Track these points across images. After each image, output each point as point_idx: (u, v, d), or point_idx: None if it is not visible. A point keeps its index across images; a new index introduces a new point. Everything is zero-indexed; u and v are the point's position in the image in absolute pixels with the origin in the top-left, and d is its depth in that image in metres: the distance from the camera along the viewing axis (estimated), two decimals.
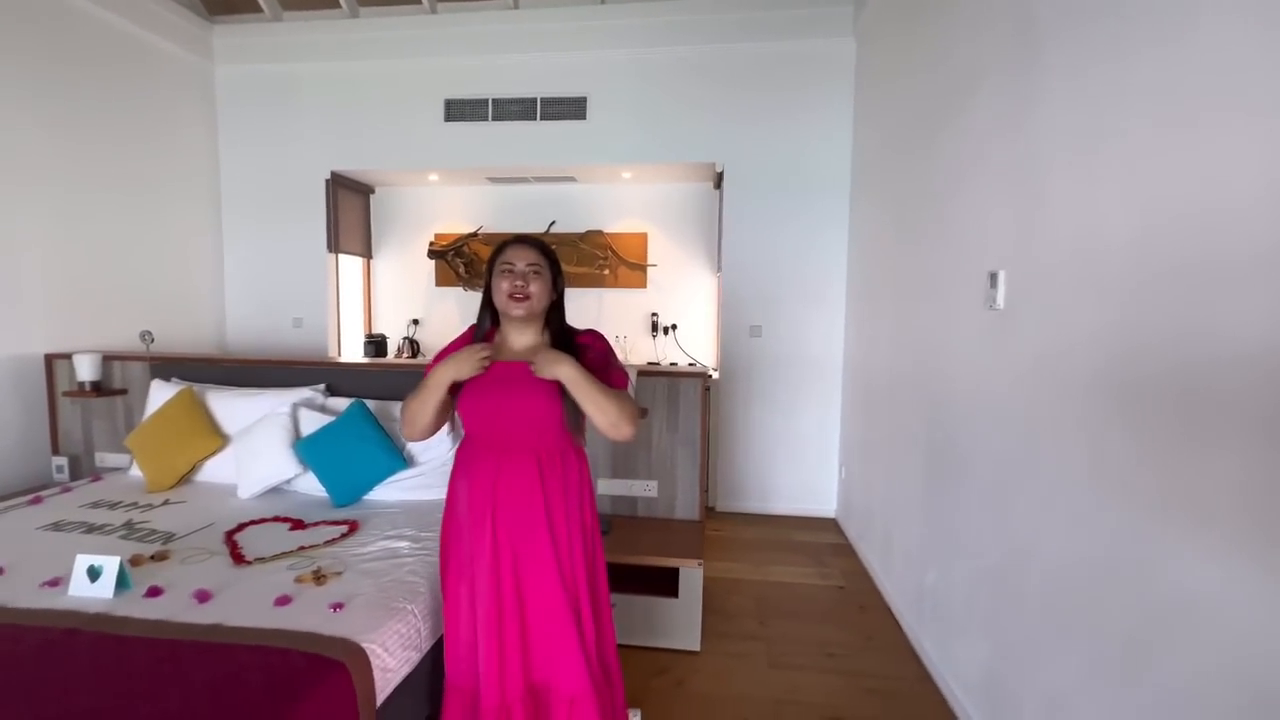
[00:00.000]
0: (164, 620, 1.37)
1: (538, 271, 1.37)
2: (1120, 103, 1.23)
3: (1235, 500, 0.94)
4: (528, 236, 1.44)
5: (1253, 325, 0.92)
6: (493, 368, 1.37)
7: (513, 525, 1.35)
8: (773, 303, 3.72)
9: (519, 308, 1.34)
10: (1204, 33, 1.02)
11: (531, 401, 1.34)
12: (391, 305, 4.64)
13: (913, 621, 2.34)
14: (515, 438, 1.37)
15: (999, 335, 1.70)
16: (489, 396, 1.36)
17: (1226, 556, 0.96)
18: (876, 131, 3.11)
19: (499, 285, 1.36)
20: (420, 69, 3.87)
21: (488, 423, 1.37)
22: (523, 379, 1.33)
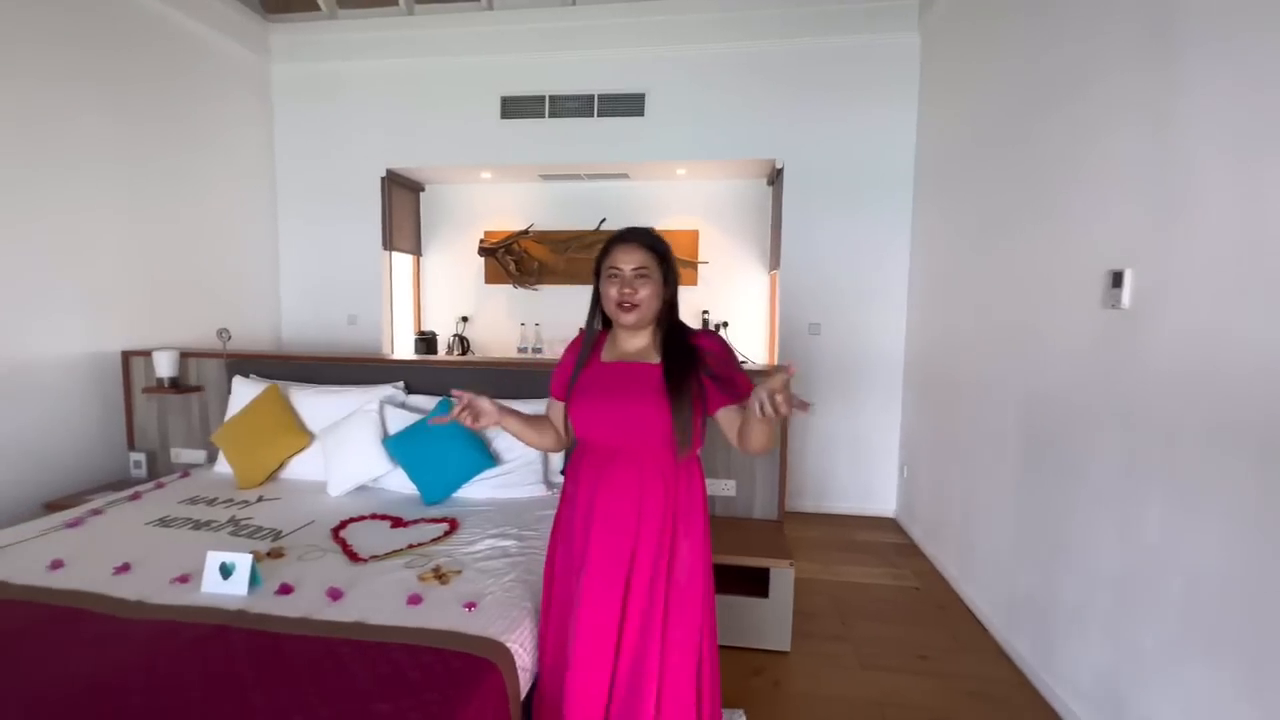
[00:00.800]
0: (306, 618, 1.38)
1: (646, 274, 1.26)
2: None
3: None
4: (634, 233, 1.30)
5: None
6: (601, 369, 1.32)
7: (606, 538, 1.26)
8: (832, 300, 3.68)
9: (628, 317, 1.26)
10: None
11: (636, 408, 1.25)
12: (441, 303, 4.66)
13: (1002, 624, 2.31)
14: (619, 444, 1.28)
15: (1125, 335, 1.67)
16: (594, 399, 1.29)
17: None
18: (950, 127, 3.07)
19: (606, 291, 1.29)
20: (477, 66, 3.87)
21: (590, 427, 1.30)
22: (631, 382, 1.27)
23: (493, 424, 1.37)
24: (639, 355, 1.32)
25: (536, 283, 4.47)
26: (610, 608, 1.25)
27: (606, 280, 1.29)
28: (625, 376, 1.29)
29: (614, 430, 1.28)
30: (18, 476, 2.57)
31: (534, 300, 4.51)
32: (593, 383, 1.31)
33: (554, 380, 1.45)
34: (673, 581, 1.26)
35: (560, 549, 1.37)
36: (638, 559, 1.25)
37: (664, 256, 1.30)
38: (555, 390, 1.44)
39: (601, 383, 1.31)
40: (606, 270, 1.29)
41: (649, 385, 1.26)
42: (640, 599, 1.24)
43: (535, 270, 4.45)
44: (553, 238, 4.42)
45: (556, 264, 4.43)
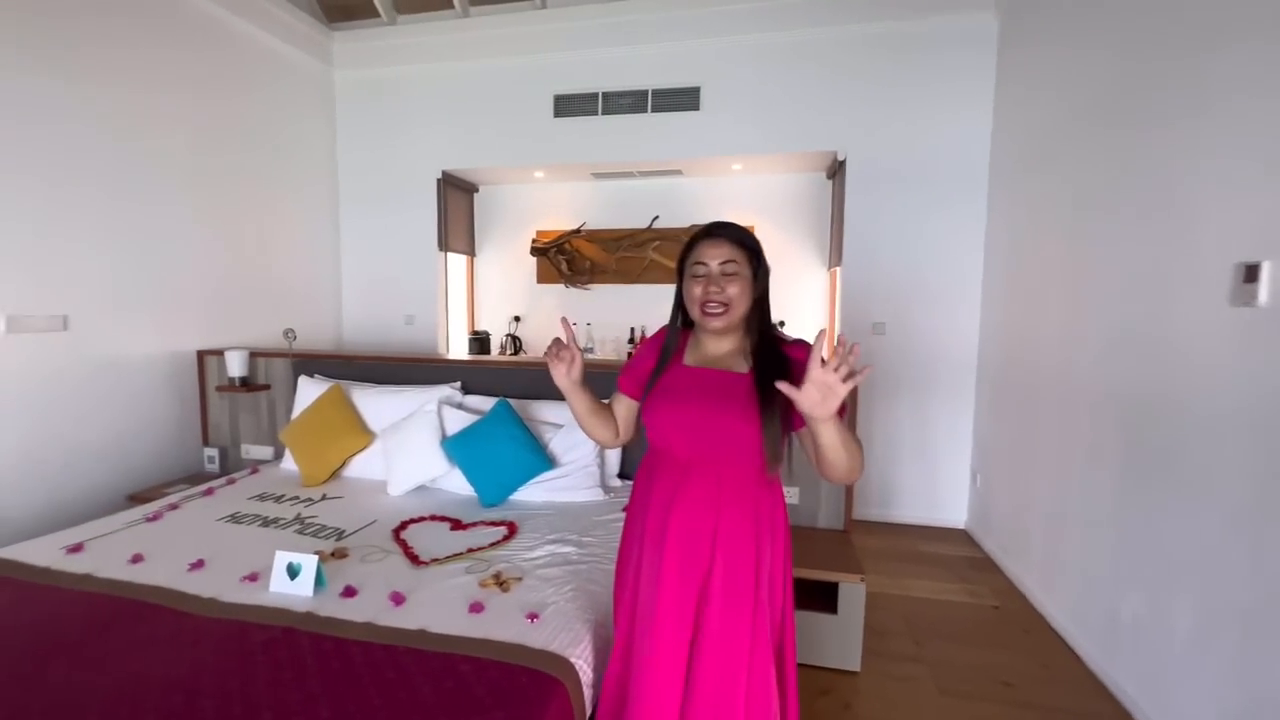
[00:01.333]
0: (370, 623, 1.37)
1: (735, 271, 1.16)
2: None
3: None
4: (722, 226, 1.20)
5: None
6: (683, 373, 1.23)
7: (681, 555, 1.16)
8: (898, 299, 3.49)
9: (716, 320, 1.16)
10: None
11: (720, 417, 1.15)
12: (493, 302, 4.69)
13: (1098, 651, 2.11)
14: (698, 455, 1.18)
15: (1262, 336, 1.47)
16: (675, 405, 1.20)
17: None
18: (1034, 112, 2.84)
19: (690, 291, 1.18)
20: (530, 65, 3.86)
21: (668, 433, 1.21)
22: (716, 390, 1.17)
23: (573, 379, 1.28)
24: (725, 361, 1.22)
25: (588, 282, 4.44)
26: (683, 628, 1.16)
27: (691, 279, 1.19)
28: (710, 383, 1.20)
29: (695, 439, 1.19)
30: (106, 470, 2.70)
31: (585, 300, 4.48)
32: (673, 387, 1.23)
33: (624, 373, 1.36)
34: (758, 603, 1.17)
35: (632, 561, 1.30)
36: (713, 578, 1.16)
37: (755, 252, 1.19)
38: (625, 384, 1.36)
39: (683, 387, 1.22)
40: (691, 267, 1.20)
41: (736, 394, 1.16)
42: (716, 621, 1.15)
43: (587, 269, 4.42)
44: (604, 236, 4.38)
45: (608, 263, 4.39)
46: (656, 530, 1.22)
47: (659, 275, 4.32)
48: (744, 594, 1.17)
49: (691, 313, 1.21)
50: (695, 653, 1.16)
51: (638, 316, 4.38)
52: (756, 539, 1.18)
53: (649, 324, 4.36)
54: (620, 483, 2.43)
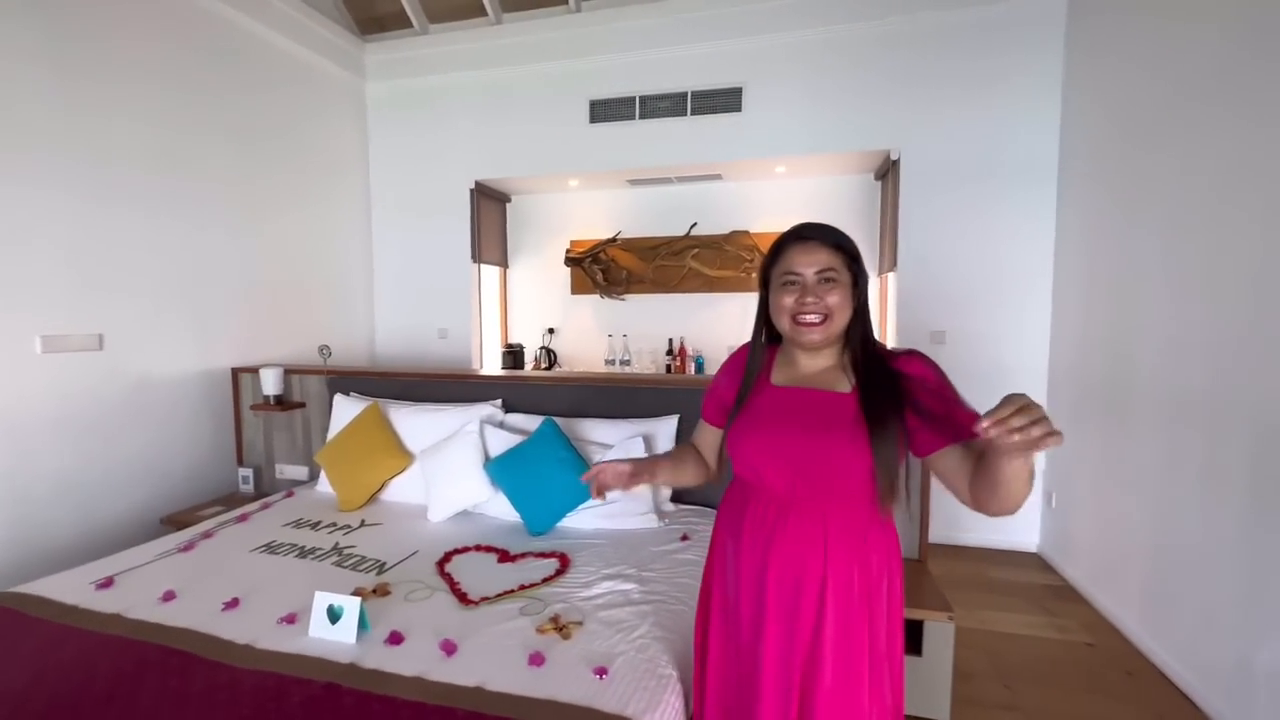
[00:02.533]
0: (421, 677, 1.22)
1: (834, 279, 1.01)
2: None
3: None
4: (815, 229, 1.05)
5: None
6: (774, 395, 1.07)
7: (784, 611, 1.01)
8: (959, 305, 3.27)
9: (813, 334, 1.01)
10: None
11: (823, 445, 0.99)
12: (527, 314, 4.58)
13: (1223, 702, 1.86)
14: (798, 490, 1.02)
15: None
16: (766, 432, 1.05)
17: None
18: (1115, 100, 2.62)
19: (780, 302, 1.04)
20: (564, 71, 3.76)
21: (760, 466, 1.05)
22: (816, 413, 1.02)
23: (637, 484, 1.18)
24: (822, 380, 1.06)
25: (624, 292, 4.30)
26: (789, 694, 0.99)
27: (781, 289, 1.04)
28: (808, 405, 1.04)
29: (793, 472, 1.02)
30: (141, 491, 2.62)
31: (622, 310, 4.34)
32: (763, 411, 1.07)
33: (708, 400, 1.22)
34: (874, 664, 0.99)
35: (717, 616, 1.13)
36: (824, 636, 0.99)
37: (855, 256, 1.04)
38: (709, 413, 1.22)
39: (775, 411, 1.06)
40: (780, 276, 1.05)
41: (841, 418, 0.99)
42: (830, 687, 0.98)
43: (623, 279, 4.28)
44: (640, 245, 4.24)
45: (645, 272, 4.25)
46: (753, 582, 1.05)
47: (697, 284, 4.16)
48: (859, 654, 0.99)
49: (780, 326, 1.06)
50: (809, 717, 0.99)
51: (676, 327, 4.22)
52: (871, 588, 1.00)
53: (687, 335, 4.20)
54: (674, 507, 2.26)
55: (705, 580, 1.21)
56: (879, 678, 1.01)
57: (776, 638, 1.01)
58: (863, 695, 0.99)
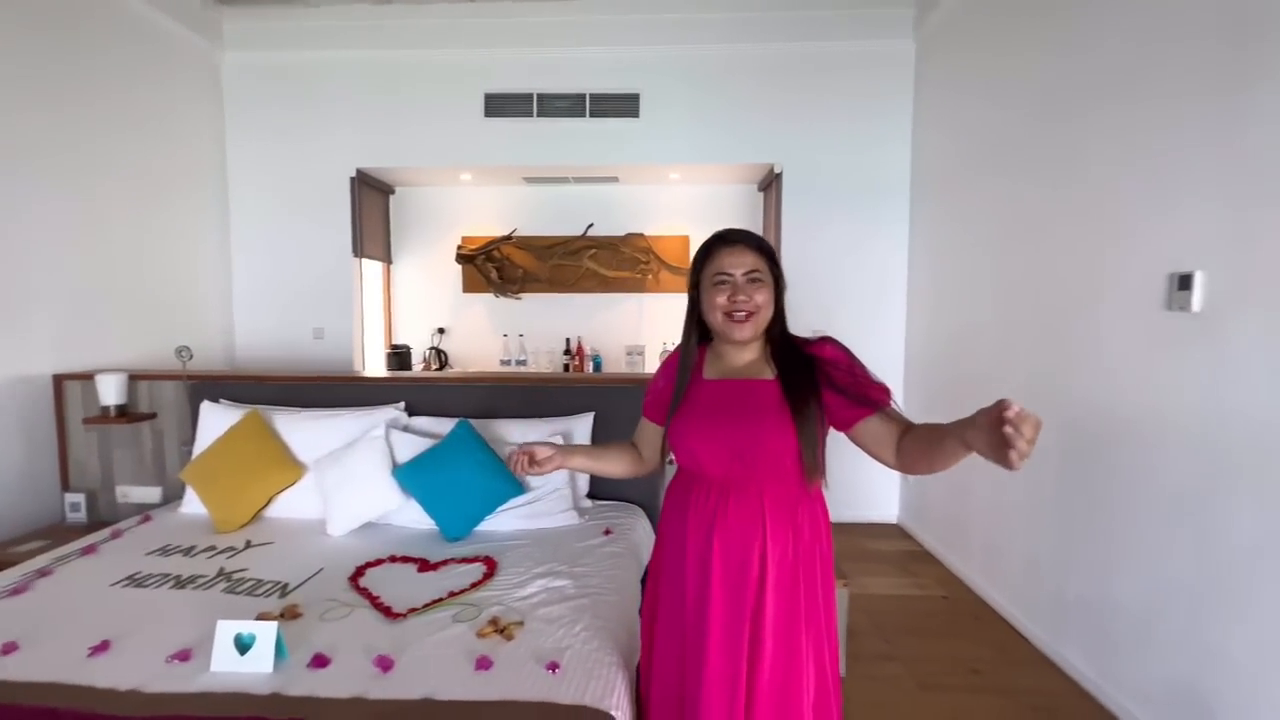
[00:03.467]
0: (360, 698, 1.14)
1: (759, 279, 1.11)
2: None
3: None
4: (740, 233, 1.15)
5: None
6: (707, 388, 1.16)
7: (729, 583, 1.10)
8: (833, 306, 3.65)
9: (743, 329, 1.11)
10: None
11: (755, 430, 1.10)
12: (413, 313, 4.34)
13: (1046, 633, 2.28)
14: (736, 474, 1.12)
15: (1197, 339, 1.66)
16: (703, 422, 1.14)
17: None
18: (953, 131, 3.09)
19: (713, 300, 1.12)
20: (458, 61, 3.62)
21: (700, 455, 1.14)
22: (746, 402, 1.12)
23: (556, 467, 1.25)
24: (749, 371, 1.16)
25: (520, 291, 4.23)
26: (737, 661, 1.08)
27: (712, 288, 1.13)
28: (739, 395, 1.13)
29: (730, 457, 1.12)
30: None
31: (517, 310, 4.26)
32: (699, 404, 1.15)
33: (648, 399, 1.29)
34: (811, 626, 1.11)
35: (665, 595, 1.19)
36: (766, 605, 1.09)
37: (774, 260, 1.16)
38: (649, 411, 1.30)
39: (710, 403, 1.15)
40: (711, 277, 1.13)
41: (768, 404, 1.10)
42: (773, 651, 1.08)
43: (519, 278, 4.21)
44: (537, 244, 4.19)
45: (541, 271, 4.21)
46: (698, 560, 1.13)
47: (594, 284, 4.21)
48: (797, 619, 1.10)
49: (712, 322, 1.15)
50: (754, 686, 1.08)
51: (573, 327, 4.23)
52: (804, 556, 1.12)
53: (585, 334, 4.23)
54: (591, 504, 2.28)
55: (654, 564, 1.27)
56: (818, 638, 1.13)
57: (723, 605, 1.09)
58: (808, 655, 1.10)
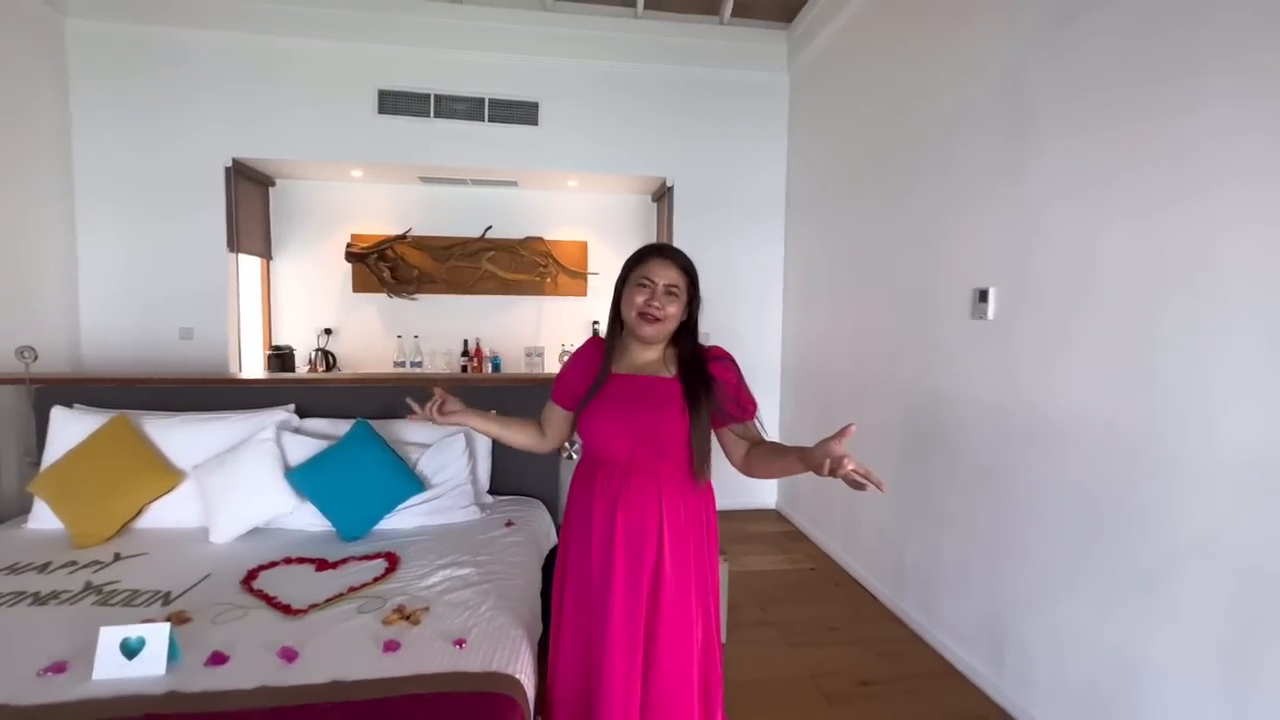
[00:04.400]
0: (265, 686, 1.17)
1: (676, 294, 1.27)
2: (1120, 156, 1.61)
3: None
4: (672, 250, 1.32)
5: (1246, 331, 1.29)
6: (616, 380, 1.31)
7: (631, 552, 1.25)
8: (718, 311, 3.95)
9: (649, 329, 1.26)
10: (1206, 113, 1.41)
11: (659, 418, 1.25)
12: (296, 313, 4.11)
13: (890, 592, 2.68)
14: (638, 457, 1.27)
15: (990, 340, 2.07)
16: (612, 409, 1.28)
17: (1230, 505, 1.33)
18: (820, 159, 3.51)
19: (632, 297, 1.27)
20: (349, 53, 3.52)
21: (608, 438, 1.28)
22: (648, 395, 1.27)
23: (461, 421, 1.36)
24: (651, 368, 1.32)
25: (415, 292, 4.16)
26: (636, 619, 1.24)
27: (634, 287, 1.28)
28: (644, 389, 1.29)
29: (634, 442, 1.27)
30: None
31: (413, 310, 4.19)
32: (609, 394, 1.30)
33: (559, 383, 1.40)
34: (700, 592, 1.30)
35: (573, 565, 1.33)
36: (664, 570, 1.26)
37: (694, 280, 1.33)
38: (559, 395, 1.41)
39: (618, 394, 1.29)
40: (636, 278, 1.28)
41: (669, 399, 1.27)
42: (670, 610, 1.25)
43: (414, 278, 4.14)
44: (433, 244, 4.15)
45: (438, 272, 4.17)
46: (603, 533, 1.28)
47: (493, 286, 4.24)
48: (688, 585, 1.28)
49: (627, 316, 1.29)
50: (652, 640, 1.24)
51: (471, 328, 4.23)
52: (693, 529, 1.31)
53: (484, 336, 4.24)
54: (492, 499, 2.36)
55: (562, 541, 1.40)
56: (704, 602, 1.32)
57: (624, 571, 1.25)
58: (697, 614, 1.29)
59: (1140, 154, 1.57)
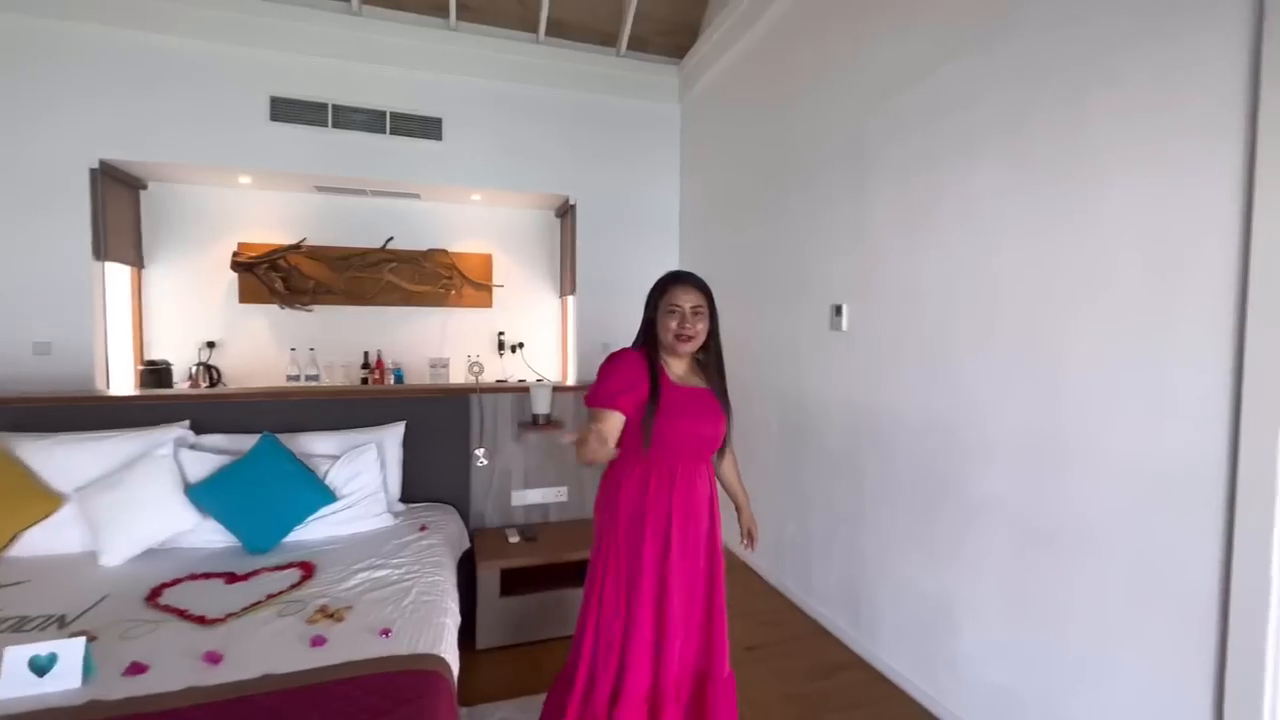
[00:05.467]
0: (194, 687, 1.23)
1: (701, 312, 1.51)
2: (931, 199, 2.04)
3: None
4: (690, 275, 1.55)
5: (1007, 334, 1.73)
6: (679, 393, 1.50)
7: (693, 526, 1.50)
8: (621, 323, 4.20)
9: (686, 346, 1.49)
10: (984, 173, 1.85)
11: (714, 426, 1.53)
12: (173, 325, 3.85)
13: (773, 569, 3.05)
14: (698, 451, 1.53)
15: (845, 348, 2.48)
16: (686, 418, 1.49)
17: (1006, 475, 1.76)
18: (708, 185, 3.88)
19: (666, 323, 1.49)
20: (239, 57, 3.39)
21: (682, 441, 1.49)
22: (705, 405, 1.53)
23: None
24: (689, 379, 1.56)
25: (311, 303, 4.04)
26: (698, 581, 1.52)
27: (667, 314, 1.50)
28: (702, 399, 1.54)
29: (699, 443, 1.52)
30: None
31: (308, 322, 4.06)
32: (680, 403, 1.49)
33: (621, 396, 1.49)
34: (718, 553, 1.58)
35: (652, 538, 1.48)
36: (714, 538, 1.56)
37: (712, 299, 1.55)
38: (624, 405, 1.48)
39: (685, 403, 1.50)
40: (665, 305, 1.50)
41: (714, 406, 1.55)
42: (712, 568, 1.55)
43: (309, 289, 4.02)
44: (330, 254, 4.06)
45: (336, 283, 4.08)
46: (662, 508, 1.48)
47: (395, 297, 4.21)
48: (719, 546, 1.58)
49: (664, 339, 1.50)
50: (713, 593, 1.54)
51: (372, 340, 4.18)
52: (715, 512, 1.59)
53: (385, 347, 4.20)
54: (403, 507, 2.43)
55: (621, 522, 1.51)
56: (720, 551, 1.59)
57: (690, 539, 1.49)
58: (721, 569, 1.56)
59: (940, 201, 2.01)
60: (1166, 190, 1.38)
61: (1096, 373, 1.53)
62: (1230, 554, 1.25)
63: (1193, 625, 1.33)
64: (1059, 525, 1.63)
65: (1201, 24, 1.31)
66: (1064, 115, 1.61)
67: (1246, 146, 1.24)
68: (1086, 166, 1.55)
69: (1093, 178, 1.54)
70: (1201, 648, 1.31)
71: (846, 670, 2.31)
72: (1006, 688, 1.77)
